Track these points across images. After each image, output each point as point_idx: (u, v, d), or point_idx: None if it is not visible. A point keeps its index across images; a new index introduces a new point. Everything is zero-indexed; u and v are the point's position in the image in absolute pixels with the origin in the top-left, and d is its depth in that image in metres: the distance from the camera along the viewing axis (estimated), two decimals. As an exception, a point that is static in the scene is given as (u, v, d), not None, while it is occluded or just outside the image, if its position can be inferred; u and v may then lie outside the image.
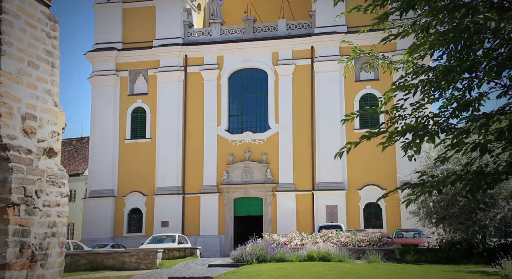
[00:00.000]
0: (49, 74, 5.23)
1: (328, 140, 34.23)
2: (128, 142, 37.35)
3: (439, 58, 6.75)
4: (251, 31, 37.29)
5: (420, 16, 6.98)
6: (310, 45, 36.12)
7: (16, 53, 4.37)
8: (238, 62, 37.00)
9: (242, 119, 36.92)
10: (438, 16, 5.90)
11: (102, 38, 38.19)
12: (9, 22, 4.27)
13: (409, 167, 26.35)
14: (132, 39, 38.12)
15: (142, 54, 37.70)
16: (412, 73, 7.59)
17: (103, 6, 38.41)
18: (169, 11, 37.71)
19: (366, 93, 34.91)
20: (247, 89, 37.18)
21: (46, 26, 5.31)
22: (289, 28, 36.99)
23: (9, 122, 4.06)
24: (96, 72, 38.05)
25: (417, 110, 7.04)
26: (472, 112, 5.90)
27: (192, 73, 37.42)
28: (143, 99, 37.63)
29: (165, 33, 37.60)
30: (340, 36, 34.52)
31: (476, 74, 5.93)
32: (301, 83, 36.03)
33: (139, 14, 38.22)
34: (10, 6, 4.30)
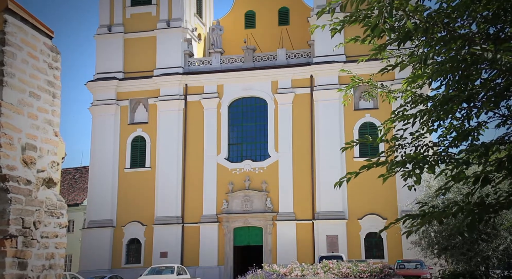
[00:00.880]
0: (50, 104, 5.27)
1: (328, 169, 34.17)
2: (127, 171, 37.27)
3: (438, 88, 6.81)
4: (250, 60, 37.71)
5: (418, 47, 7.07)
6: (309, 74, 36.46)
7: (17, 84, 4.42)
8: (238, 91, 37.28)
9: (242, 148, 36.95)
10: (435, 47, 5.98)
11: (103, 67, 38.58)
12: (11, 54, 4.33)
13: (409, 196, 26.23)
14: (133, 68, 38.51)
15: (143, 83, 38.01)
16: (411, 103, 7.64)
17: (105, 37, 38.93)
18: (170, 41, 38.21)
19: (365, 122, 35.04)
20: (247, 117, 37.34)
21: (48, 57, 5.38)
22: (289, 58, 37.41)
23: (9, 152, 4.07)
24: (96, 101, 38.27)
25: (416, 139, 7.06)
26: (471, 141, 5.92)
27: (192, 102, 37.65)
28: (143, 128, 37.74)
29: (165, 63, 38.01)
30: (339, 65, 34.88)
31: (475, 104, 5.98)
32: (300, 111, 36.21)
33: (140, 44, 38.70)
34: (13, 39, 4.37)
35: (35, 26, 5.00)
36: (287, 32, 40.15)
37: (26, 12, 4.90)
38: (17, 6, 4.52)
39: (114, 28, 39.02)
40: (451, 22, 5.68)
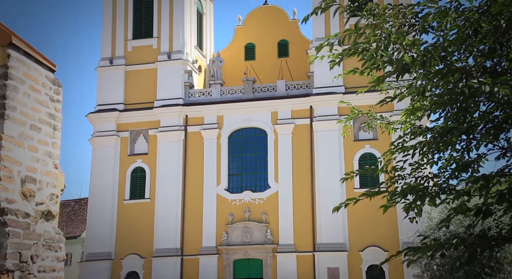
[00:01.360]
0: (50, 136, 5.30)
1: (328, 200, 33.98)
2: (127, 203, 37.05)
3: (437, 120, 6.86)
4: (250, 91, 38.00)
5: (416, 79, 7.15)
6: (309, 105, 36.68)
7: (19, 117, 4.45)
8: (238, 121, 37.43)
9: (242, 178, 36.84)
10: (433, 79, 6.05)
11: (104, 99, 38.84)
12: (14, 87, 4.38)
13: (411, 227, 26.00)
14: (134, 100, 38.77)
15: (143, 114, 38.20)
16: (410, 134, 7.68)
17: (107, 69, 39.35)
18: (171, 73, 38.59)
19: (365, 153, 35.04)
20: (246, 148, 37.37)
21: (50, 90, 5.43)
22: (288, 89, 37.72)
23: (8, 185, 4.06)
24: (97, 133, 38.37)
25: (416, 170, 7.07)
26: (471, 173, 5.92)
27: (192, 132, 37.75)
28: (143, 159, 37.72)
29: (166, 94, 38.30)
30: (338, 96, 35.13)
31: (474, 136, 6.01)
32: (300, 142, 36.26)
33: (141, 76, 39.09)
34: (16, 73, 4.42)
35: (37, 60, 5.07)
36: (286, 64, 40.61)
37: (29, 46, 4.98)
38: (20, 41, 4.59)
39: (116, 61, 39.48)
40: (448, 55, 5.76)
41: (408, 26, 6.86)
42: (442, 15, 5.84)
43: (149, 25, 39.66)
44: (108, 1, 40.20)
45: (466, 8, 5.83)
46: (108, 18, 40.01)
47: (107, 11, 40.12)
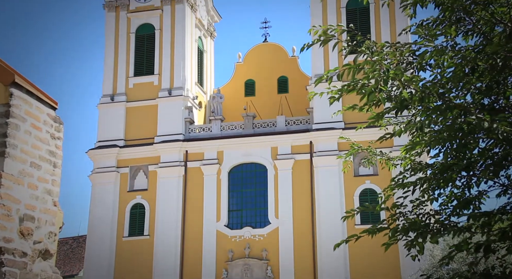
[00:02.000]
0: (50, 174, 5.29)
1: (329, 236, 33.59)
2: (126, 240, 36.62)
3: (436, 156, 6.86)
4: (250, 127, 38.17)
5: (415, 115, 7.20)
6: (309, 141, 36.76)
7: (19, 155, 4.46)
8: (238, 157, 37.42)
9: (242, 214, 36.54)
10: (431, 116, 6.09)
11: (104, 135, 38.95)
12: (15, 126, 4.41)
13: (413, 265, 25.55)
14: (134, 136, 38.88)
15: (143, 150, 38.22)
16: (411, 170, 7.68)
17: (108, 106, 39.62)
18: (171, 109, 38.84)
19: (366, 188, 34.89)
20: (246, 183, 37.23)
21: (51, 127, 5.47)
22: (288, 124, 37.90)
23: (6, 224, 4.03)
24: (97, 169, 38.30)
25: (417, 207, 7.02)
26: (473, 210, 5.88)
27: (192, 168, 37.69)
28: (143, 195, 37.51)
29: (166, 130, 38.43)
30: (338, 132, 35.24)
31: (474, 173, 6.00)
32: (300, 177, 36.15)
33: (141, 112, 39.33)
34: (17, 111, 4.47)
35: (39, 98, 5.13)
36: (286, 100, 40.95)
37: (32, 85, 5.04)
38: (23, 80, 4.66)
39: (117, 97, 39.82)
40: (446, 92, 5.83)
41: (406, 63, 6.96)
42: (439, 54, 5.94)
43: (150, 62, 40.20)
44: (110, 39, 40.87)
45: (462, 47, 5.93)
46: (110, 55, 40.59)
47: (109, 48, 40.74)
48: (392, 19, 36.71)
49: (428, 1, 6.29)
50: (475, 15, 5.69)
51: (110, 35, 40.83)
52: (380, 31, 36.93)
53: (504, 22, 5.28)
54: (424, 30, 6.49)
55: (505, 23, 5.27)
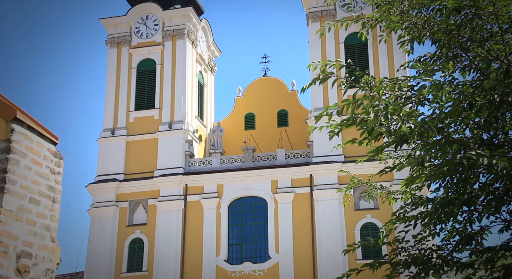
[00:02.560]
0: (49, 209, 5.26)
1: (330, 271, 33.07)
2: (124, 276, 36.03)
3: (437, 190, 6.84)
4: (250, 160, 38.15)
5: (414, 149, 7.21)
6: (309, 174, 36.66)
7: (19, 191, 4.45)
8: (238, 190, 37.24)
9: (242, 249, 36.08)
10: (431, 150, 6.11)
11: (104, 170, 38.86)
12: (15, 161, 4.41)
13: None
14: (134, 170, 38.79)
15: (143, 184, 38.07)
16: (411, 204, 7.64)
17: (108, 140, 39.69)
18: (171, 143, 38.90)
19: (366, 222, 34.57)
20: (246, 217, 36.92)
21: (51, 162, 5.47)
22: (288, 157, 37.88)
23: (3, 261, 3.97)
24: (96, 203, 38.05)
25: (419, 242, 6.95)
26: (475, 246, 5.82)
27: (192, 201, 37.45)
28: (142, 229, 37.14)
29: (166, 163, 38.37)
30: (338, 165, 35.19)
31: (475, 207, 5.97)
32: (301, 211, 35.88)
33: (142, 146, 39.38)
34: (18, 146, 4.48)
35: (40, 133, 5.15)
36: (286, 133, 41.08)
37: (33, 120, 5.08)
38: (24, 115, 4.69)
39: (117, 131, 39.94)
40: (445, 127, 5.86)
41: (404, 98, 7.02)
42: (437, 88, 6.00)
43: (151, 97, 40.54)
44: (112, 74, 41.32)
45: (460, 82, 6.00)
46: (111, 90, 40.95)
47: (110, 83, 41.14)
48: (390, 54, 37.22)
49: (425, 37, 6.40)
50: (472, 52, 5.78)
51: (111, 70, 41.33)
52: (378, 66, 37.40)
53: (500, 59, 5.36)
54: (422, 65, 6.58)
55: (501, 60, 5.35)
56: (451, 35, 5.78)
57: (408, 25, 6.83)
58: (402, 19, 6.91)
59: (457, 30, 5.79)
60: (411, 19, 6.77)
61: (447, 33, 5.82)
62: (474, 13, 5.68)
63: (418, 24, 6.59)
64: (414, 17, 6.76)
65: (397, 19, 6.96)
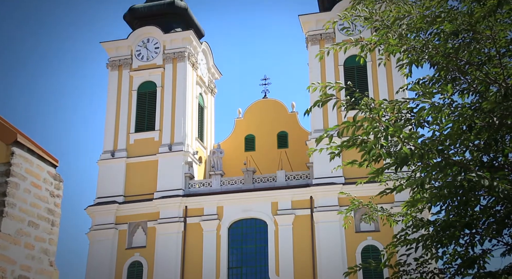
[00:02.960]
0: (48, 232, 5.22)
1: (331, 294, 32.67)
2: (122, 298, 35.55)
3: (438, 212, 6.81)
4: (250, 182, 38.04)
5: (414, 171, 7.20)
6: (309, 195, 36.52)
7: (18, 214, 4.42)
8: (238, 212, 37.04)
9: (242, 271, 35.69)
10: (431, 172, 6.10)
11: (104, 192, 38.72)
12: (15, 184, 4.40)
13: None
14: (134, 192, 38.65)
15: (142, 206, 37.88)
16: (412, 227, 7.59)
17: (108, 162, 39.64)
18: (171, 165, 38.84)
19: (367, 245, 34.28)
20: (246, 239, 36.64)
21: (51, 185, 5.46)
22: (288, 179, 37.78)
23: (1, 286, 3.93)
24: (95, 226, 37.79)
25: (421, 265, 6.89)
26: (478, 270, 5.76)
27: (192, 224, 37.21)
28: (141, 252, 36.80)
29: (166, 185, 38.25)
30: (338, 187, 35.06)
31: (477, 230, 5.93)
32: (301, 233, 35.62)
33: (141, 168, 39.31)
34: (18, 169, 4.48)
35: (40, 156, 5.16)
36: (286, 154, 41.06)
37: (33, 143, 5.08)
38: (25, 138, 4.70)
39: (117, 153, 39.92)
40: (445, 149, 5.86)
41: (404, 120, 7.04)
42: (436, 111, 6.03)
43: (151, 119, 40.65)
44: (112, 96, 41.50)
45: (459, 104, 6.03)
46: (112, 112, 41.08)
47: (111, 105, 41.29)
48: (389, 76, 37.46)
49: (424, 61, 6.46)
50: (470, 75, 5.82)
51: (112, 93, 41.54)
52: (377, 88, 37.61)
53: (498, 82, 5.40)
54: (421, 88, 6.62)
55: (499, 83, 5.39)
56: (449, 59, 5.84)
57: (406, 49, 6.89)
58: (401, 42, 6.98)
59: (455, 54, 5.84)
60: (409, 43, 6.85)
61: (445, 57, 5.87)
62: (471, 37, 5.76)
63: (416, 48, 6.66)
64: (412, 41, 6.84)
65: (396, 42, 7.04)
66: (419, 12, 6.93)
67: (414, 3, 7.28)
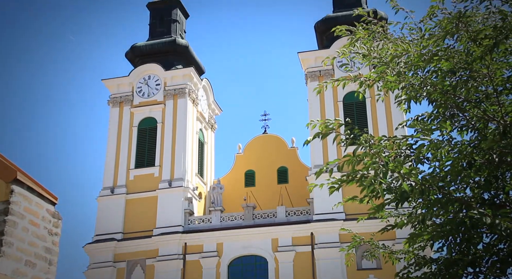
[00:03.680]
0: (45, 272, 5.14)
1: None
2: None
3: (440, 250, 6.72)
4: (250, 218, 37.72)
5: (415, 208, 7.16)
6: (310, 232, 36.14)
7: (15, 253, 4.36)
8: (238, 249, 36.56)
9: (242, 311, 34.94)
10: (432, 208, 6.06)
11: (102, 229, 38.30)
12: (13, 223, 4.37)
13: None
14: (132, 228, 38.24)
15: (141, 243, 37.40)
16: (415, 265, 7.48)
17: (107, 198, 39.40)
18: (171, 201, 38.59)
19: (370, 283, 33.68)
20: (246, 277, 36.00)
21: (49, 223, 5.41)
22: (288, 215, 37.47)
23: (-5, 328, 3.83)
24: (93, 264, 37.20)
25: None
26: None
27: (191, 261, 36.65)
28: (139, 291, 36.10)
29: (165, 222, 37.89)
30: (339, 223, 34.74)
31: (480, 269, 5.84)
32: (302, 270, 35.05)
33: (141, 204, 39.03)
34: (17, 208, 4.45)
35: (40, 193, 5.13)
36: (286, 190, 40.87)
37: (33, 180, 5.07)
38: (25, 176, 4.70)
39: (117, 190, 39.72)
40: (446, 185, 5.85)
41: (403, 156, 7.05)
42: (435, 147, 6.04)
43: (151, 154, 40.65)
44: (113, 133, 41.61)
45: (458, 141, 6.05)
46: (112, 148, 41.10)
47: (111, 142, 41.35)
48: (388, 112, 37.70)
49: (422, 97, 6.53)
50: (468, 112, 5.87)
51: (113, 129, 41.70)
52: (377, 124, 37.78)
53: (496, 119, 5.44)
54: (419, 125, 6.66)
55: (497, 121, 5.43)
56: (447, 96, 5.91)
57: (404, 85, 6.97)
58: (399, 79, 7.07)
59: (453, 91, 5.91)
60: (407, 80, 6.93)
61: (443, 94, 5.94)
62: (469, 75, 5.83)
63: (414, 85, 6.73)
64: (410, 78, 6.92)
65: (394, 79, 7.12)
66: (416, 50, 7.04)
67: (411, 41, 7.41)
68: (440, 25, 6.58)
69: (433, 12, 6.74)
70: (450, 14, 6.06)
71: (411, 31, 7.51)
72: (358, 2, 42.78)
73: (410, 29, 7.52)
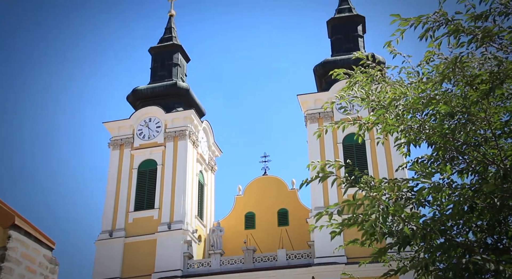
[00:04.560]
0: (40, 320, 5.01)
1: None
2: None
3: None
4: (251, 261, 37.10)
5: (418, 252, 7.06)
6: (311, 276, 35.45)
7: (10, 301, 4.27)
8: (238, 294, 35.79)
9: None
10: (435, 253, 5.97)
11: (100, 274, 37.56)
12: (9, 270, 4.28)
13: None
14: (131, 273, 37.51)
15: (140, 288, 36.62)
16: (419, 311, 7.30)
17: (106, 242, 38.87)
18: (170, 243, 38.06)
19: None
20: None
21: (46, 269, 5.31)
22: (289, 258, 36.88)
23: None
24: (89, 308, 36.34)
25: None
26: None
27: (190, 307, 35.79)
28: None
29: (164, 265, 37.24)
30: (341, 267, 34.13)
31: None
32: (304, 316, 34.16)
33: (140, 247, 38.46)
34: (14, 254, 4.38)
35: (37, 238, 5.07)
36: (286, 232, 40.38)
37: (31, 225, 5.02)
38: (23, 221, 4.65)
39: (116, 233, 39.23)
40: (448, 229, 5.78)
41: (404, 199, 7.01)
42: (436, 191, 6.02)
43: (151, 197, 40.40)
44: (113, 175, 41.45)
45: (459, 185, 6.03)
46: (112, 191, 40.86)
47: (111, 184, 41.15)
48: (388, 154, 37.73)
49: (421, 140, 6.56)
50: (468, 155, 5.88)
51: (113, 172, 41.61)
52: (377, 166, 37.74)
53: (496, 163, 5.45)
54: (419, 168, 6.66)
55: (497, 164, 5.43)
56: (446, 139, 5.94)
57: (404, 128, 7.02)
58: (398, 122, 7.12)
59: (452, 134, 5.95)
60: (406, 123, 6.98)
61: (442, 137, 5.97)
62: (467, 119, 5.88)
63: (413, 128, 6.78)
64: (409, 121, 6.97)
65: (393, 122, 7.17)
66: (414, 94, 7.12)
67: (409, 85, 7.51)
68: (437, 70, 6.69)
69: (430, 57, 6.86)
70: (447, 59, 6.18)
71: (409, 75, 7.63)
72: (356, 47, 43.65)
73: (408, 73, 7.64)
